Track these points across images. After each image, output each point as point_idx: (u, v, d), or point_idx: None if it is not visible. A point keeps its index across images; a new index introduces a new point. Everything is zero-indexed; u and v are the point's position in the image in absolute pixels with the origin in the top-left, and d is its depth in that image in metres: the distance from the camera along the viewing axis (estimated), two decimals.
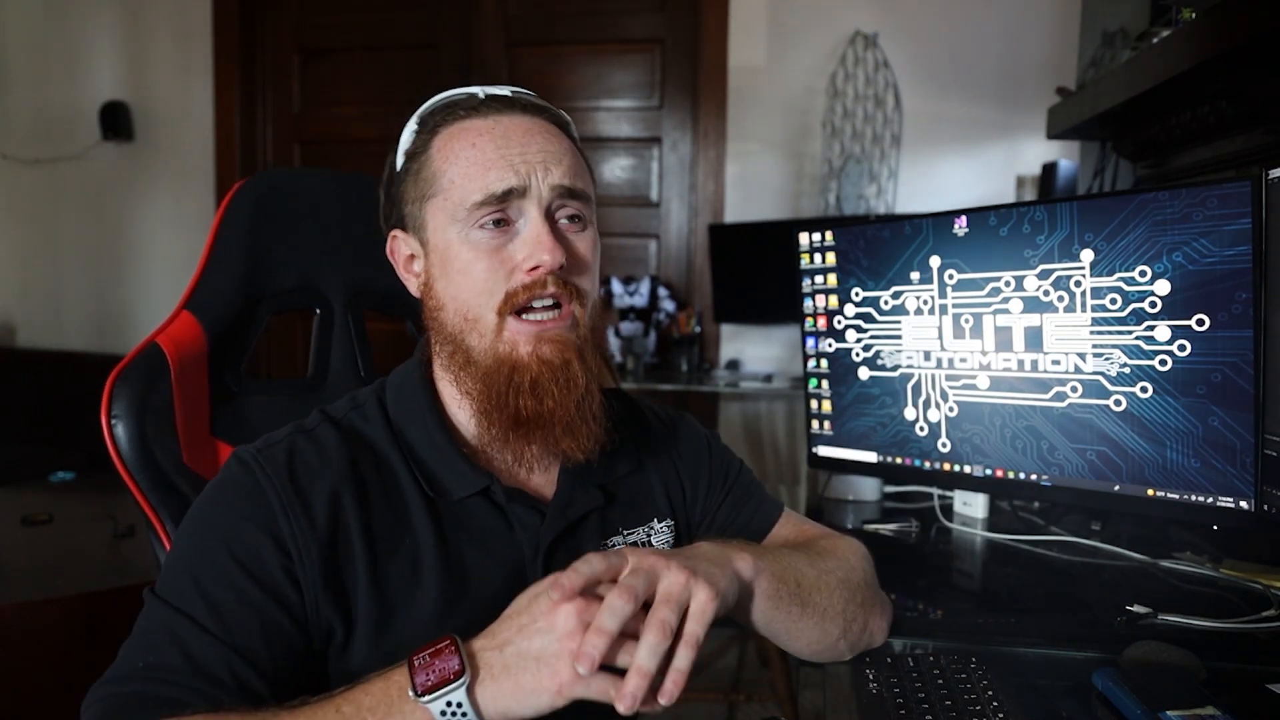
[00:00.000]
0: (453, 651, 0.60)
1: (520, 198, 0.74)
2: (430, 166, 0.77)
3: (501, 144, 0.74)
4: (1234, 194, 0.97)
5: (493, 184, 0.73)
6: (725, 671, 2.62)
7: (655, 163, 3.30)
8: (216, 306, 0.97)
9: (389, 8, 3.39)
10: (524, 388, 0.73)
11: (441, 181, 0.76)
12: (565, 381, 0.74)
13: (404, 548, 0.73)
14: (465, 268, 0.75)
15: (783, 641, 0.80)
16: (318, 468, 0.73)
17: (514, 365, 0.74)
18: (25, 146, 3.60)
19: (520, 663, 0.59)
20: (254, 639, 0.66)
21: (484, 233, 0.74)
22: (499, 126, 0.75)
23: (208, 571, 0.67)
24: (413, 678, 0.59)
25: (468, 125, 0.76)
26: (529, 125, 0.76)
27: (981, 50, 2.92)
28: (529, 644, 0.60)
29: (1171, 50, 1.38)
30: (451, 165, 0.75)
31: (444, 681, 0.59)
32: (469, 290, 0.75)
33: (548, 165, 0.74)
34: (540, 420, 0.74)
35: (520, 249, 0.74)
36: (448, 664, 0.59)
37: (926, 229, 1.24)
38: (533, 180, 0.74)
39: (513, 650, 0.60)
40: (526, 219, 0.74)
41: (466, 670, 0.59)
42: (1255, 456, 0.97)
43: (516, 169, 0.73)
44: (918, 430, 1.29)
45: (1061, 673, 0.87)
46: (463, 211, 0.74)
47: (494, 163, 0.74)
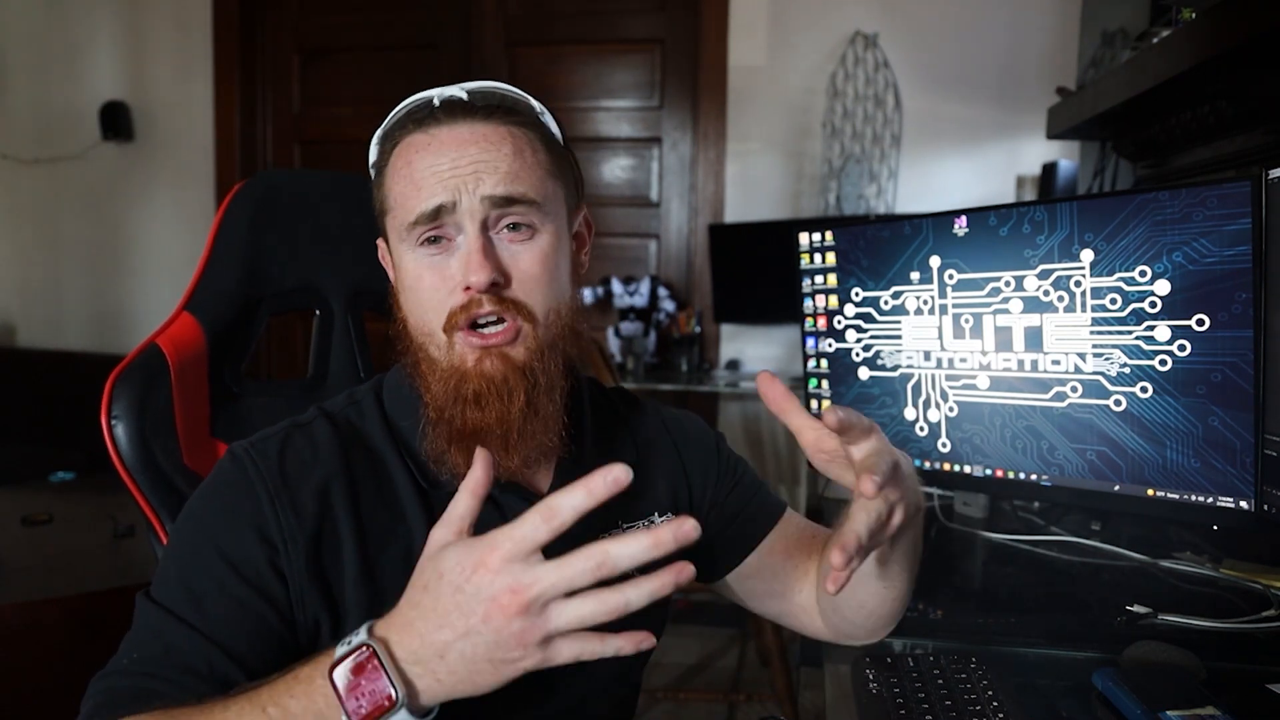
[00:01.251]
0: (377, 668, 0.56)
1: (451, 213, 0.73)
2: (383, 184, 0.78)
3: (434, 159, 0.73)
4: (1234, 194, 0.97)
5: (423, 203, 0.73)
6: (725, 671, 2.62)
7: (655, 163, 3.30)
8: (216, 307, 0.97)
9: (389, 8, 3.39)
10: (467, 397, 0.74)
11: (390, 199, 0.77)
12: (505, 395, 0.74)
13: (397, 539, 0.74)
14: (413, 285, 0.76)
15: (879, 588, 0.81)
16: (309, 461, 0.73)
17: (461, 376, 0.74)
18: (25, 146, 3.60)
19: (472, 666, 0.56)
20: (236, 633, 0.66)
21: (424, 250, 0.75)
22: (434, 141, 0.74)
23: (193, 567, 0.68)
24: (341, 700, 0.56)
25: (409, 141, 0.76)
26: (467, 134, 0.74)
27: (981, 50, 2.92)
28: (475, 650, 0.55)
29: (1171, 50, 1.38)
30: (395, 184, 0.76)
31: (379, 709, 0.55)
32: (419, 307, 0.76)
33: (480, 175, 0.73)
34: (481, 431, 0.74)
35: (457, 267, 0.74)
36: (377, 685, 0.55)
37: (926, 229, 1.24)
38: (462, 195, 0.72)
39: (456, 655, 0.56)
40: (464, 234, 0.74)
41: (400, 695, 0.55)
42: (1255, 456, 0.97)
43: (445, 184, 0.72)
44: (918, 430, 1.29)
45: (1061, 673, 0.87)
46: (403, 231, 0.75)
47: (424, 180, 0.73)
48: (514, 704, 0.75)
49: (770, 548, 0.92)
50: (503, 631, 0.54)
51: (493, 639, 0.55)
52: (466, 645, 0.55)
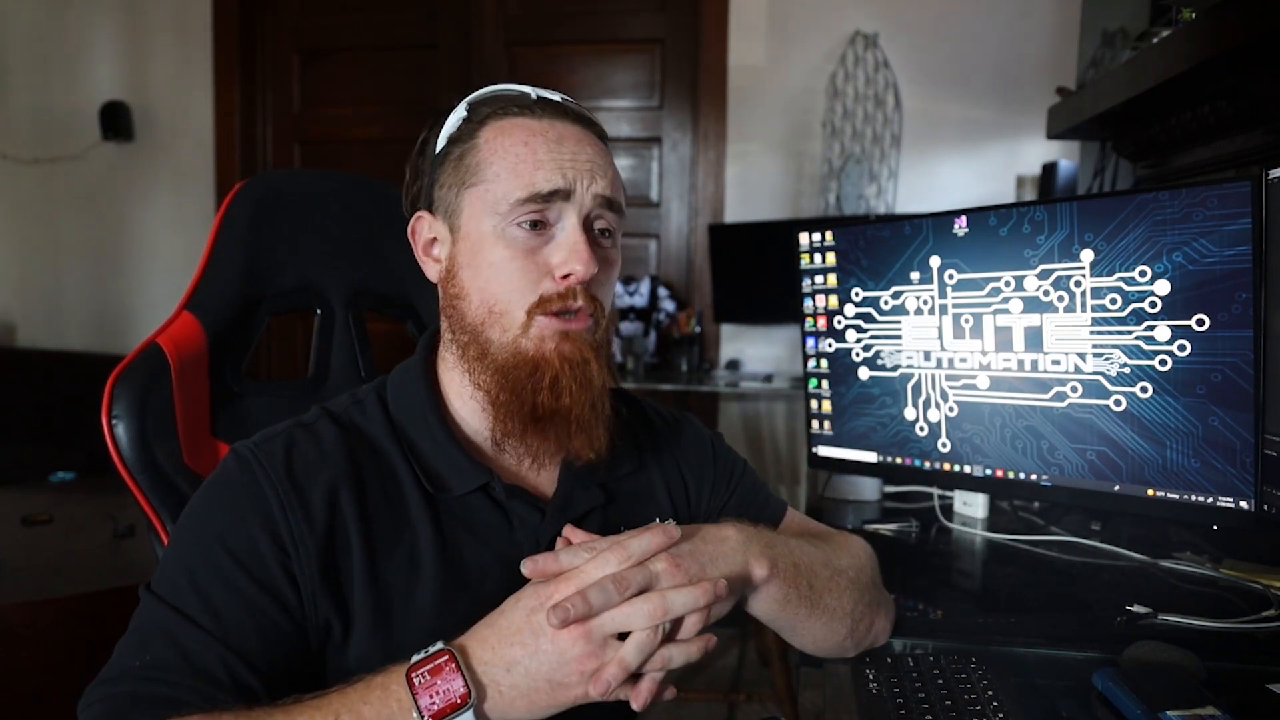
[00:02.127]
0: (454, 670, 0.61)
1: (564, 201, 0.74)
2: (475, 155, 0.76)
3: (554, 147, 0.75)
4: (1234, 194, 0.97)
5: (540, 183, 0.73)
6: (725, 671, 2.62)
7: (655, 163, 3.30)
8: (217, 307, 0.97)
9: (389, 8, 3.39)
10: (544, 384, 0.74)
11: (486, 172, 0.75)
12: (584, 379, 0.74)
13: (402, 543, 0.73)
14: (500, 263, 0.74)
15: (787, 636, 0.82)
16: (316, 463, 0.72)
17: (537, 361, 0.74)
18: (25, 146, 3.60)
19: (532, 683, 0.61)
20: (250, 637, 0.66)
21: (521, 231, 0.74)
22: (553, 130, 0.76)
23: (204, 569, 0.67)
24: (415, 697, 0.60)
25: (521, 123, 0.76)
26: (580, 134, 0.77)
27: (981, 50, 2.92)
28: (538, 666, 0.61)
29: (1171, 50, 1.38)
30: (500, 159, 0.75)
31: (452, 707, 0.60)
32: (499, 286, 0.74)
33: (594, 174, 0.75)
34: (557, 416, 0.74)
35: (555, 253, 0.74)
36: (451, 685, 0.60)
37: (926, 229, 1.24)
38: (578, 186, 0.74)
39: (521, 671, 0.62)
40: (564, 225, 0.74)
41: (474, 694, 0.60)
42: (1255, 456, 0.97)
43: (565, 173, 0.74)
44: (918, 430, 1.29)
45: (1061, 673, 0.87)
46: (505, 205, 0.74)
47: (544, 163, 0.74)
48: None
49: None
50: (566, 654, 0.61)
51: (556, 660, 0.61)
52: (532, 662, 0.61)
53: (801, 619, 0.78)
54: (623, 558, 0.65)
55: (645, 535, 0.67)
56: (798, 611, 0.77)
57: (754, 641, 2.70)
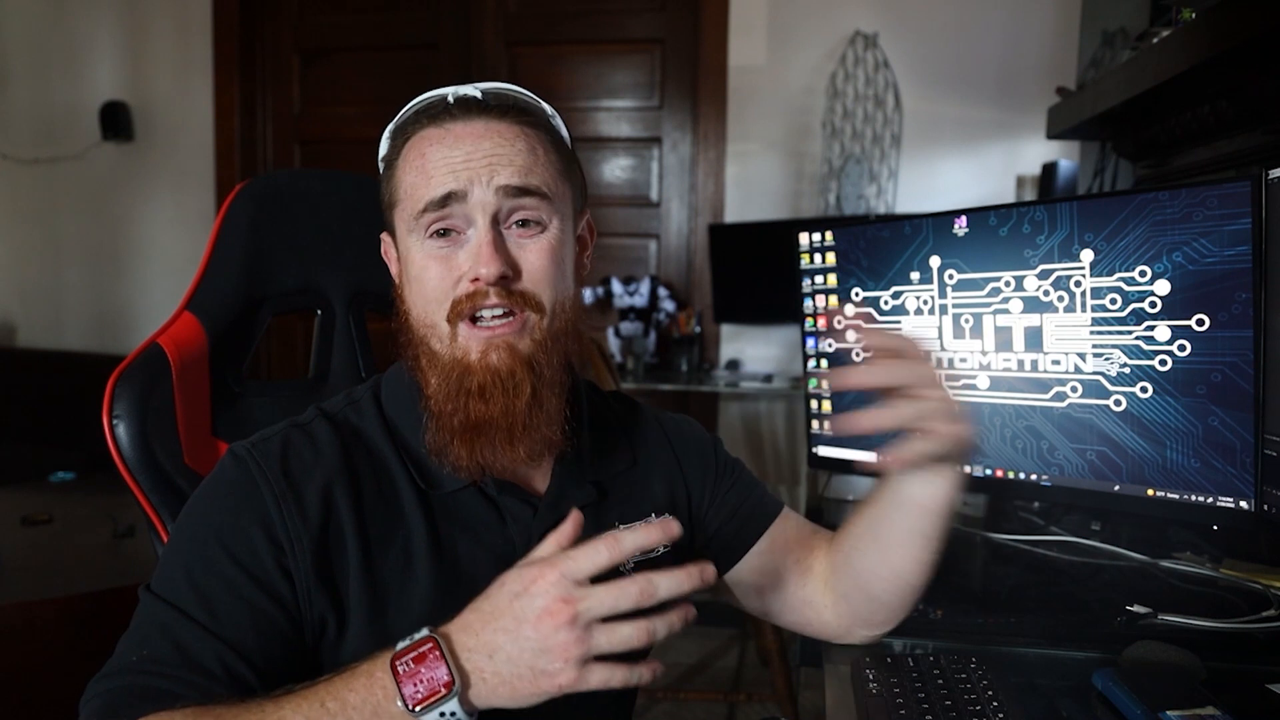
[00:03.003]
0: (438, 658, 0.60)
1: (461, 203, 0.74)
2: (394, 176, 0.79)
3: (448, 151, 0.74)
4: (1234, 194, 0.97)
5: (432, 191, 0.74)
6: (725, 671, 2.62)
7: (655, 163, 3.30)
8: (218, 307, 0.97)
9: (389, 8, 3.39)
10: (473, 391, 0.74)
11: (399, 191, 0.78)
12: (511, 388, 0.74)
13: (396, 539, 0.74)
14: (419, 275, 0.76)
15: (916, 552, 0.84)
16: (311, 461, 0.73)
17: (464, 369, 0.75)
18: (25, 146, 3.60)
19: (515, 670, 0.60)
20: (246, 632, 0.67)
21: (434, 242, 0.75)
22: (449, 134, 0.75)
23: (200, 565, 0.68)
24: (399, 685, 0.59)
25: (424, 134, 0.77)
26: (483, 129, 0.75)
27: (981, 50, 2.92)
28: (520, 653, 0.60)
29: (1171, 50, 1.38)
30: (404, 175, 0.77)
31: (435, 695, 0.59)
32: (423, 298, 0.76)
33: (494, 168, 0.74)
34: (486, 424, 0.74)
35: (465, 259, 0.75)
36: (435, 673, 0.59)
37: (926, 229, 1.24)
38: (474, 186, 0.73)
39: (504, 658, 0.60)
40: (474, 227, 0.75)
41: (457, 681, 0.59)
42: (1255, 456, 0.97)
43: (457, 174, 0.73)
44: None
45: (1061, 673, 0.87)
46: (412, 220, 0.76)
47: (436, 169, 0.74)
48: None
49: (769, 546, 0.92)
50: (549, 640, 0.59)
51: (539, 645, 0.60)
52: (514, 647, 0.60)
53: (944, 526, 0.83)
54: (613, 548, 0.64)
55: (641, 532, 0.65)
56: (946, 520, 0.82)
57: (754, 641, 2.70)
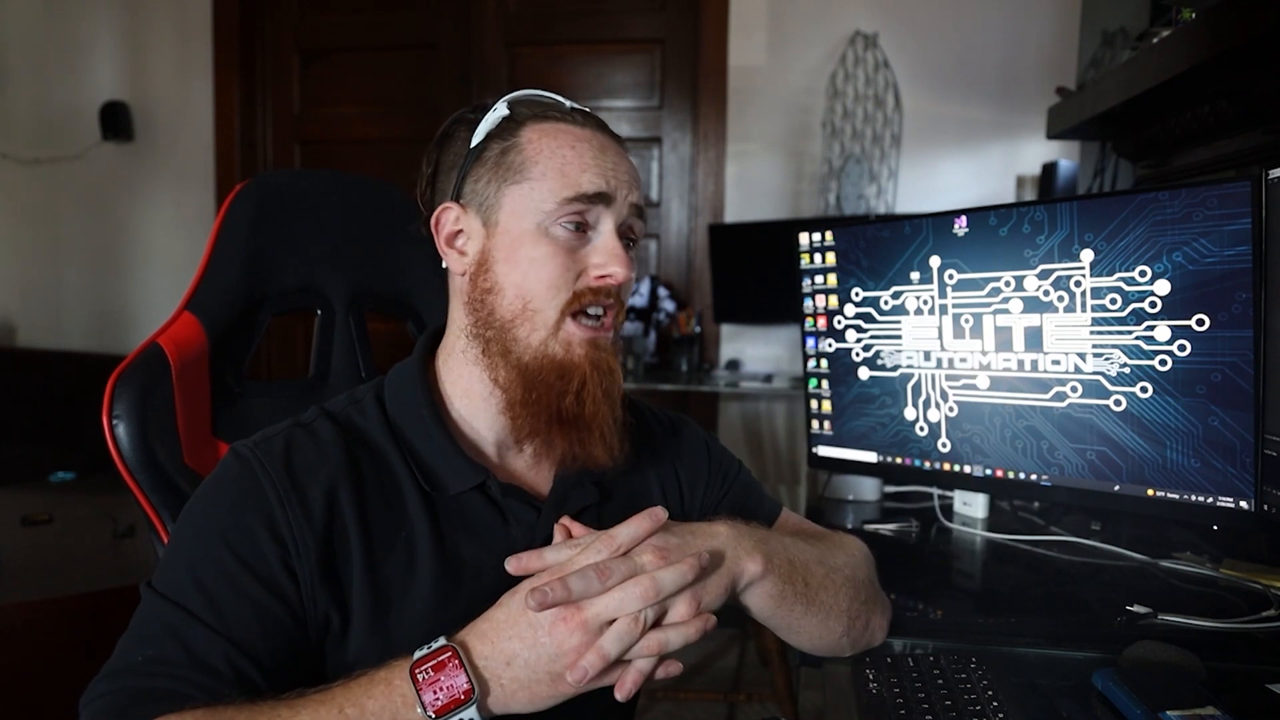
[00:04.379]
0: (458, 666, 0.62)
1: (605, 206, 0.77)
2: (519, 153, 0.78)
3: (598, 154, 0.78)
4: (1234, 194, 0.97)
5: (586, 185, 0.76)
6: (725, 671, 2.62)
7: (655, 163, 3.30)
8: (218, 307, 0.97)
9: (389, 8, 3.39)
10: (570, 389, 0.76)
11: (532, 170, 0.77)
12: (609, 388, 0.77)
13: (399, 541, 0.74)
14: (540, 259, 0.76)
15: (784, 635, 0.83)
16: (314, 461, 0.73)
17: (564, 366, 0.76)
18: (25, 146, 3.60)
19: (532, 676, 0.63)
20: (251, 631, 0.66)
21: (565, 231, 0.76)
22: (595, 139, 0.79)
23: (205, 564, 0.68)
24: (419, 692, 0.61)
25: (564, 128, 0.79)
26: (617, 147, 0.81)
27: (981, 50, 2.92)
28: (537, 659, 0.63)
29: (1171, 50, 1.38)
30: (546, 158, 0.77)
31: (455, 703, 0.61)
32: (537, 280, 0.76)
33: (631, 185, 0.79)
34: (580, 422, 0.77)
35: (594, 255, 0.77)
36: (455, 681, 0.61)
37: (926, 229, 1.24)
38: (619, 194, 0.78)
39: (521, 664, 0.63)
40: (601, 230, 0.78)
41: (476, 689, 0.61)
42: (1255, 456, 0.97)
43: (608, 179, 0.77)
44: (918, 430, 1.29)
45: (1061, 673, 0.87)
46: (551, 203, 0.76)
47: (590, 167, 0.77)
48: None
49: None
50: (563, 645, 0.63)
51: (554, 651, 0.63)
52: (531, 655, 0.63)
53: (798, 616, 0.79)
54: (610, 547, 0.67)
55: (632, 523, 0.68)
56: (793, 609, 0.78)
57: (754, 641, 2.70)
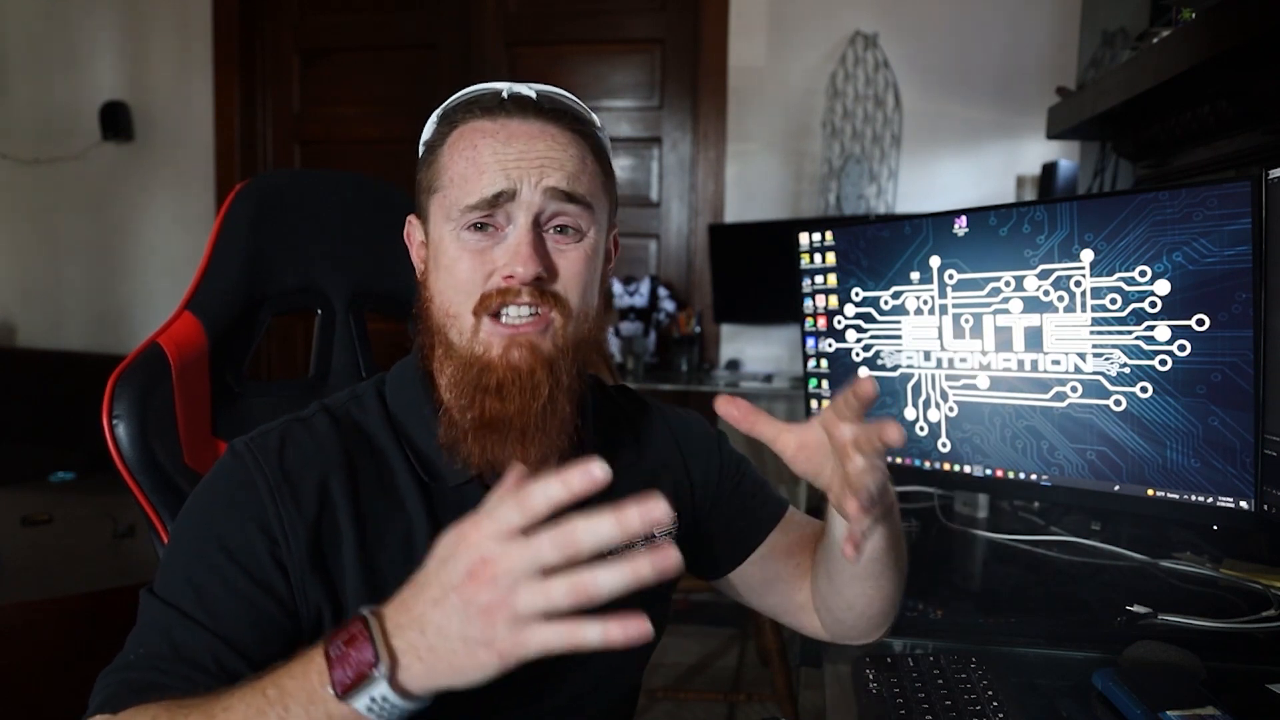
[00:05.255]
0: (365, 639, 0.56)
1: (509, 201, 0.74)
2: (439, 161, 0.78)
3: (501, 147, 0.75)
4: (1234, 194, 0.97)
5: (484, 188, 0.74)
6: (725, 671, 2.62)
7: (655, 163, 3.30)
8: (218, 307, 0.97)
9: (389, 8, 3.39)
10: (490, 388, 0.74)
11: (443, 179, 0.77)
12: (530, 389, 0.74)
13: (396, 532, 0.74)
14: (450, 265, 0.76)
15: (864, 587, 0.83)
16: (308, 453, 0.74)
17: (484, 366, 0.75)
18: (25, 146, 3.60)
19: (448, 644, 0.55)
20: (240, 626, 0.67)
21: (471, 234, 0.75)
22: (504, 130, 0.76)
23: (196, 562, 0.69)
24: (330, 671, 0.56)
25: (477, 125, 0.77)
26: (538, 130, 0.76)
27: (981, 50, 2.92)
28: (449, 623, 0.55)
29: (1171, 50, 1.38)
30: (453, 165, 0.76)
31: (362, 677, 0.55)
32: (450, 287, 0.76)
33: (544, 169, 0.74)
34: (500, 422, 0.74)
35: (501, 255, 0.75)
36: (362, 655, 0.55)
37: (926, 229, 1.24)
38: (523, 185, 0.74)
39: (434, 630, 0.55)
40: (514, 225, 0.75)
41: (383, 661, 0.55)
42: (1255, 456, 0.97)
43: (508, 173, 0.74)
44: (918, 430, 1.29)
45: (1061, 673, 0.87)
46: (455, 211, 0.75)
47: (488, 166, 0.74)
48: (510, 701, 0.75)
49: (772, 546, 0.92)
50: (471, 604, 0.54)
51: (462, 610, 0.54)
52: (440, 615, 0.55)
53: (893, 564, 0.82)
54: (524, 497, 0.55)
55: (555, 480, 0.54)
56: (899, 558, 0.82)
57: (754, 641, 2.70)
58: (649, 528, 0.52)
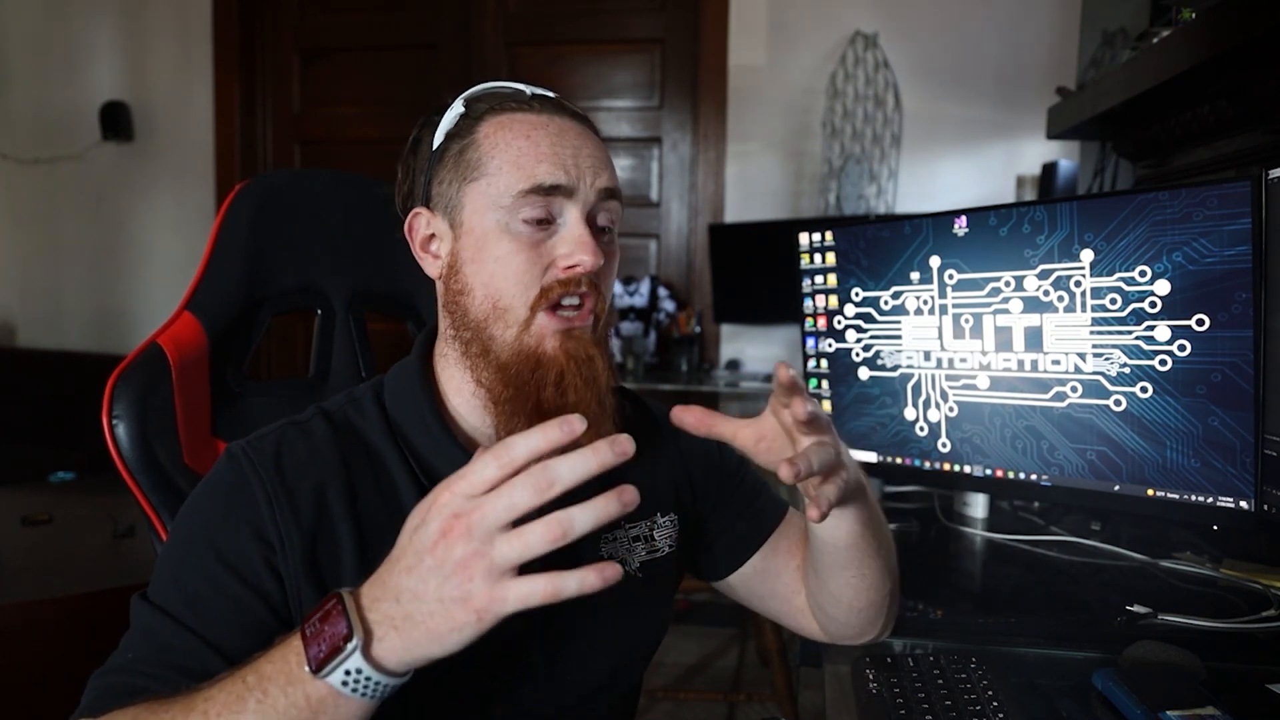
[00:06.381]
0: (339, 613, 0.56)
1: (567, 197, 0.75)
2: (476, 150, 0.76)
3: (555, 142, 0.75)
4: (1234, 194, 0.97)
5: (542, 176, 0.74)
6: (725, 671, 2.62)
7: (655, 163, 3.30)
8: (218, 307, 0.97)
9: (389, 8, 3.39)
10: (548, 381, 0.74)
11: (488, 166, 0.75)
12: (590, 376, 0.75)
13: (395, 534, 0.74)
14: (504, 257, 0.74)
15: (847, 574, 0.82)
16: (306, 459, 0.73)
17: (539, 359, 0.74)
18: (25, 146, 3.60)
19: (424, 608, 0.54)
20: (232, 632, 0.67)
21: (526, 227, 0.74)
22: (553, 124, 0.76)
23: (188, 566, 0.69)
24: (305, 649, 0.56)
25: (520, 118, 0.76)
26: (579, 129, 0.78)
27: (981, 50, 2.92)
28: (424, 586, 0.54)
29: (1171, 50, 1.38)
30: (501, 152, 0.75)
31: (335, 650, 0.55)
32: (504, 279, 0.75)
33: (596, 169, 0.76)
34: (563, 413, 0.74)
35: (560, 246, 0.75)
36: (336, 629, 0.55)
37: (926, 229, 1.24)
38: (581, 182, 0.75)
39: (410, 596, 0.55)
40: (567, 219, 0.75)
41: (356, 634, 0.54)
42: (1255, 456, 0.97)
43: (567, 169, 0.74)
44: (918, 430, 1.29)
45: (1061, 673, 0.87)
46: (507, 198, 0.74)
47: (546, 156, 0.74)
48: (509, 701, 0.75)
49: (773, 549, 0.92)
50: (446, 561, 0.53)
51: (438, 569, 0.54)
52: (418, 583, 0.54)
53: (873, 552, 0.80)
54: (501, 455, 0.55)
55: (535, 432, 0.55)
56: (875, 537, 0.79)
57: (754, 641, 2.70)
58: (619, 457, 0.55)
